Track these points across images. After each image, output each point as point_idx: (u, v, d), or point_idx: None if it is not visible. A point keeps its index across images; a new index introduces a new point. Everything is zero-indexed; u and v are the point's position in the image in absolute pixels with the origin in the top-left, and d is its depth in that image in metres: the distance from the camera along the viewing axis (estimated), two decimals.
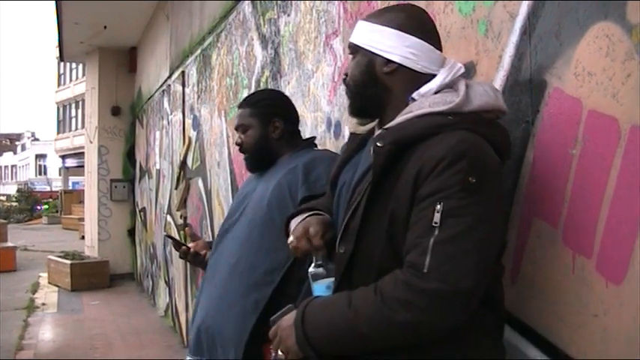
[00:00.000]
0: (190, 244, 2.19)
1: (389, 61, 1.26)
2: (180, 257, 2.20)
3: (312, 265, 1.33)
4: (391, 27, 1.27)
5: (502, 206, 1.19)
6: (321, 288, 1.30)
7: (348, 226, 1.25)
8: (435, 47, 1.30)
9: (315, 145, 2.16)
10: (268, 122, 2.03)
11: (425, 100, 1.23)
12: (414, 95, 1.25)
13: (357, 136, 1.43)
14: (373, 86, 1.29)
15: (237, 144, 2.09)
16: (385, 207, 1.18)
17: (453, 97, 1.21)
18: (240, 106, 2.11)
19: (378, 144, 1.19)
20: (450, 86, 1.25)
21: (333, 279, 1.29)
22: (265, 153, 2.04)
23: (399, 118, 1.24)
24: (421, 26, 1.30)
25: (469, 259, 1.07)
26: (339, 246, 1.27)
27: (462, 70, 1.27)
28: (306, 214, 1.43)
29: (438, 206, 1.08)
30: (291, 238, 1.37)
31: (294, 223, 1.44)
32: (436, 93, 1.24)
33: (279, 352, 1.26)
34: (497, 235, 1.16)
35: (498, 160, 1.18)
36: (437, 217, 1.08)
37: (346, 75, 1.36)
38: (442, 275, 1.06)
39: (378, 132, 1.31)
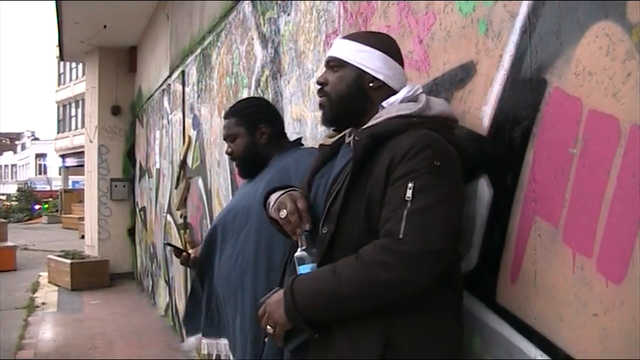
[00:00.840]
0: (190, 251, 2.25)
1: (374, 78, 1.48)
2: (181, 264, 2.26)
3: (299, 249, 1.44)
4: (380, 50, 1.49)
5: (460, 191, 1.37)
6: (306, 269, 1.40)
7: (330, 210, 1.40)
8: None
9: (302, 144, 2.26)
10: (255, 129, 2.13)
11: (392, 108, 1.44)
12: (384, 104, 1.46)
13: (326, 147, 1.62)
14: (359, 98, 1.49)
15: (227, 153, 2.20)
16: (363, 191, 1.35)
17: (417, 105, 1.42)
18: (225, 117, 2.21)
19: (357, 138, 1.40)
20: (411, 100, 1.45)
21: (316, 264, 1.40)
22: (256, 158, 2.14)
23: (373, 121, 1.45)
24: (398, 53, 1.55)
25: (437, 226, 1.25)
26: (322, 227, 1.41)
27: (421, 90, 1.48)
28: (286, 190, 1.57)
29: (410, 184, 1.27)
30: (284, 212, 1.48)
31: (274, 197, 1.59)
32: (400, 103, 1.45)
33: (268, 327, 1.37)
34: (458, 214, 1.34)
35: (456, 153, 1.36)
36: (409, 193, 1.27)
37: (321, 85, 1.52)
38: (415, 239, 1.24)
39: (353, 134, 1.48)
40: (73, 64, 29.22)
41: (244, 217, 2.04)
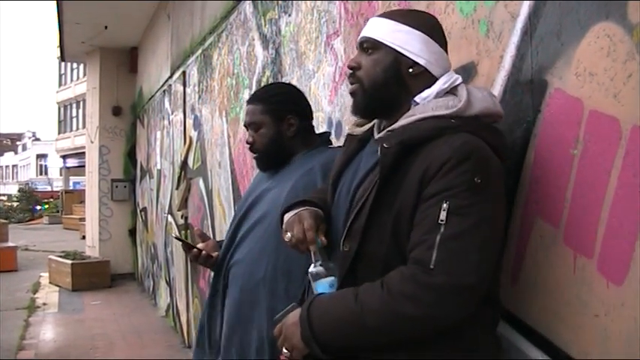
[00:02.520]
0: (200, 245, 2.05)
1: (414, 63, 1.29)
2: (191, 260, 2.06)
3: (312, 264, 1.32)
4: (421, 31, 1.30)
5: (503, 206, 1.23)
6: (324, 286, 1.29)
7: (353, 225, 1.25)
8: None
9: (330, 142, 2.06)
10: (282, 119, 1.90)
11: (428, 104, 1.26)
12: (417, 99, 1.28)
13: (354, 137, 1.44)
14: (396, 85, 1.30)
15: (248, 143, 1.95)
16: (391, 206, 1.20)
17: (455, 102, 1.24)
18: (250, 102, 1.96)
19: (385, 145, 1.21)
20: (449, 92, 1.28)
21: (334, 277, 1.29)
22: (279, 152, 1.92)
23: (403, 121, 1.27)
24: (441, 35, 1.35)
25: (473, 255, 1.10)
26: (344, 244, 1.27)
27: (460, 80, 1.30)
28: (300, 209, 1.42)
29: (444, 205, 1.11)
30: (288, 235, 1.37)
31: (287, 217, 1.44)
32: (436, 97, 1.27)
33: (284, 350, 1.27)
34: (499, 234, 1.19)
35: (499, 162, 1.21)
36: (443, 215, 1.11)
37: (352, 70, 1.35)
38: (448, 270, 1.09)
39: (381, 133, 1.34)
40: (74, 65, 29.25)
41: (265, 223, 1.85)
